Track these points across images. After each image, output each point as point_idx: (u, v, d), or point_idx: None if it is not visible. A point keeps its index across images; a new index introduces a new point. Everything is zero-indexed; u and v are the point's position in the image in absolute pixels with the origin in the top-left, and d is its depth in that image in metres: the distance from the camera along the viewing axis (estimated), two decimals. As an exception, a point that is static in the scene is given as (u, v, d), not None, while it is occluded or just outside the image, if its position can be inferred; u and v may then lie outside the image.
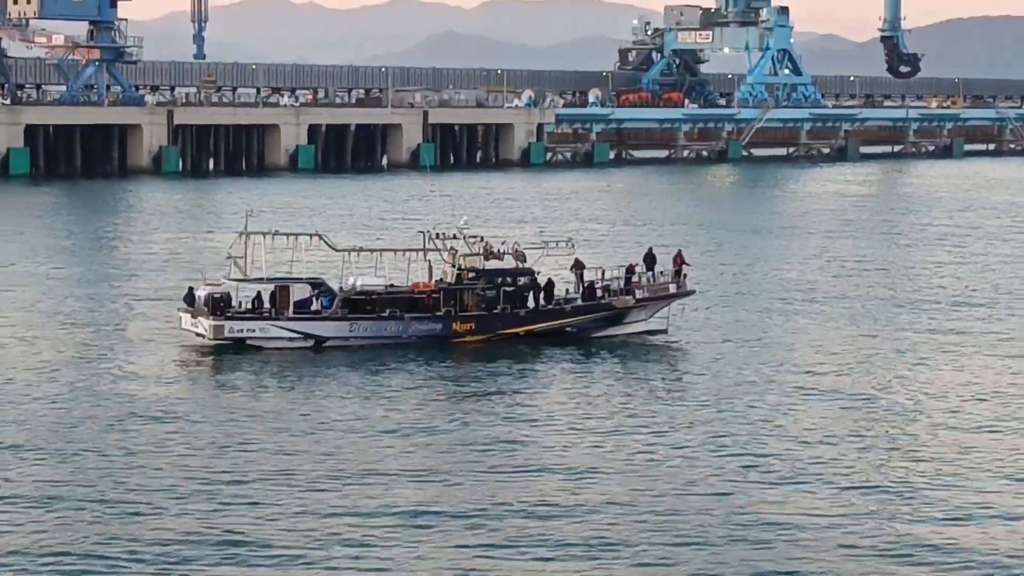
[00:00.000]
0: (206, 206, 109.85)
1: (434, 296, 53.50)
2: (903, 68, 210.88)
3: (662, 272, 57.58)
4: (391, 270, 55.81)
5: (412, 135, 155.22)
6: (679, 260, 58.28)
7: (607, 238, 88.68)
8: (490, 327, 53.45)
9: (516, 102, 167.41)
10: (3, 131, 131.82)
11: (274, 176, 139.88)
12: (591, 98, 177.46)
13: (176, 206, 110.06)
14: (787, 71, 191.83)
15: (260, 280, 53.42)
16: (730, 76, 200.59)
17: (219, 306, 52.16)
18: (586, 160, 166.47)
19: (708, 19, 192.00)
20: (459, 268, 54.20)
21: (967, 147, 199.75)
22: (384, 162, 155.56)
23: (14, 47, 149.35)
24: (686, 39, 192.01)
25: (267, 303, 52.91)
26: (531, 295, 54.74)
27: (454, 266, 54.33)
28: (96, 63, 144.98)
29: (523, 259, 55.37)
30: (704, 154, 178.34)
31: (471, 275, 54.13)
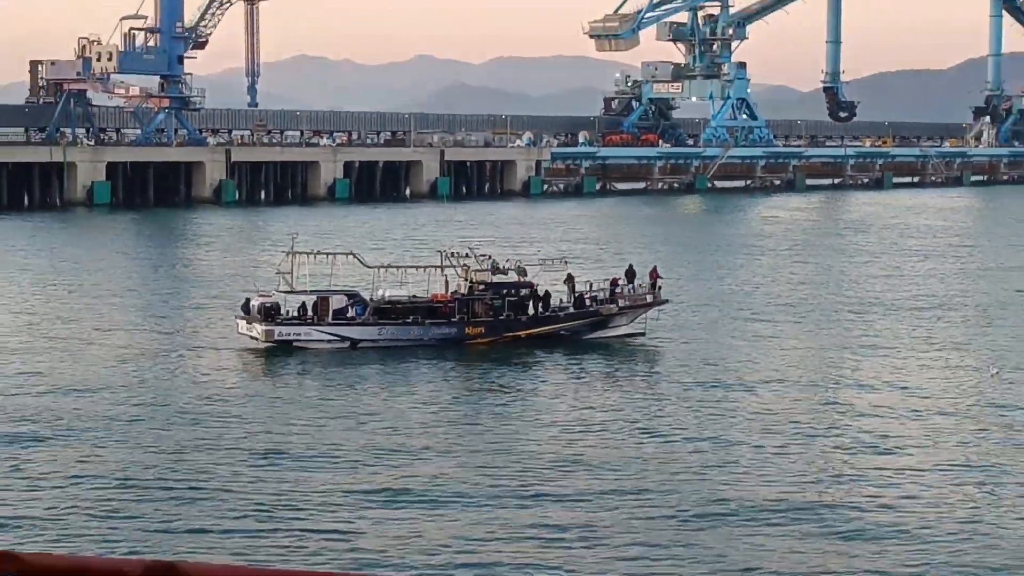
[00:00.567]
0: (258, 230, 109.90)
1: (450, 305, 53.66)
2: (842, 113, 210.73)
3: (640, 284, 57.67)
4: (413, 283, 56.00)
5: (431, 170, 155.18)
6: (654, 274, 58.39)
7: (594, 256, 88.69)
8: (497, 331, 53.57)
9: (518, 142, 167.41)
10: (89, 168, 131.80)
11: (315, 205, 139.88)
12: (581, 139, 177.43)
13: (233, 230, 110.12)
14: (745, 116, 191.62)
15: (304, 292, 53.64)
16: (697, 120, 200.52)
17: (270, 314, 52.34)
18: (576, 191, 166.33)
19: (678, 73, 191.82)
20: (471, 281, 54.35)
21: (895, 180, 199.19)
22: (407, 193, 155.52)
23: (97, 97, 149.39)
24: (660, 90, 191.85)
25: (310, 311, 53.10)
26: (531, 304, 54.94)
27: (466, 280, 54.48)
28: (166, 110, 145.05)
29: (524, 274, 55.51)
30: (675, 186, 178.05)
31: (481, 287, 54.26)
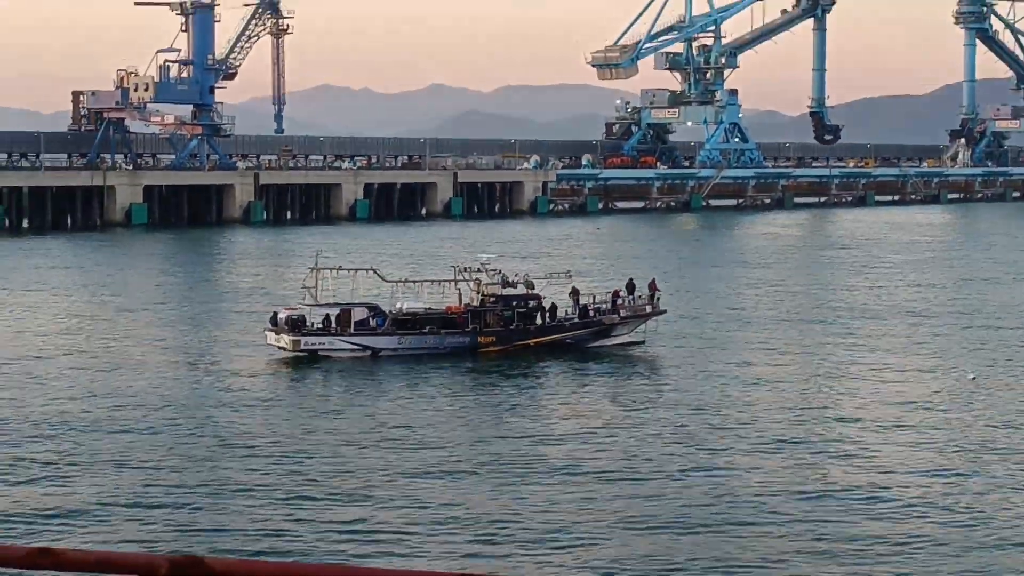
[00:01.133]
0: (285, 248, 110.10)
1: (463, 316, 53.81)
2: (827, 136, 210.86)
3: (640, 296, 57.85)
4: (429, 296, 56.22)
5: (445, 191, 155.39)
6: (653, 286, 58.52)
7: (597, 270, 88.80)
8: (507, 340, 53.70)
9: (526, 165, 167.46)
10: (127, 190, 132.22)
11: (337, 224, 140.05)
12: (584, 161, 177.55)
13: (261, 248, 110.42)
14: (737, 139, 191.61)
15: (328, 305, 53.83)
16: (692, 143, 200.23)
17: (296, 325, 52.48)
18: (580, 210, 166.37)
19: (675, 99, 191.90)
20: (482, 294, 54.52)
21: (877, 198, 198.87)
22: (423, 212, 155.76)
23: (135, 125, 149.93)
24: (658, 115, 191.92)
25: (334, 323, 53.26)
26: (539, 315, 55.10)
27: (479, 293, 54.64)
28: (198, 137, 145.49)
29: (532, 287, 55.66)
30: (672, 205, 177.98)
31: (492, 299, 54.41)
